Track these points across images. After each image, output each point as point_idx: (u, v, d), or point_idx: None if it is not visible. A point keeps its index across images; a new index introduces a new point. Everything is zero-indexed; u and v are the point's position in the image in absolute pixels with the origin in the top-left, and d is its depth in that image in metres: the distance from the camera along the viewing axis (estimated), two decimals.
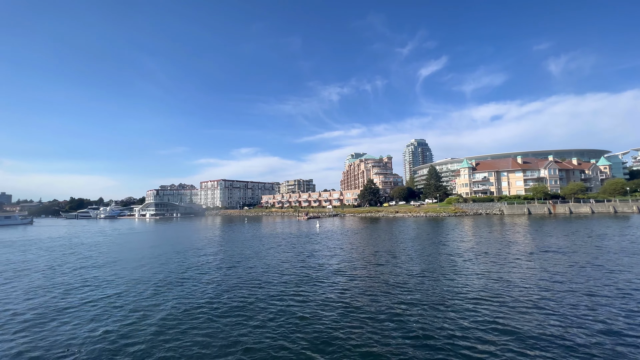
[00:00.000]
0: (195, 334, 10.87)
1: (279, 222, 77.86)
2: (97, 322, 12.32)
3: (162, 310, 13.36)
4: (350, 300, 13.84)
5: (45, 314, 13.52)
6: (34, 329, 11.84)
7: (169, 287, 17.06)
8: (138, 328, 11.57)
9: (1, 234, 65.47)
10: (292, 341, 10.16)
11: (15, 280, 20.14)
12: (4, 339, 11.15)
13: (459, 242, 31.59)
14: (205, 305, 13.90)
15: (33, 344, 10.60)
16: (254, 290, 15.98)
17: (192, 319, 12.24)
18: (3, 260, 28.71)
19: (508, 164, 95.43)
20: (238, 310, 13.07)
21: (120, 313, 13.23)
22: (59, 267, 24.42)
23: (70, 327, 11.97)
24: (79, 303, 14.82)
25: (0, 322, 12.77)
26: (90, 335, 11.04)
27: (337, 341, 10.02)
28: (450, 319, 11.58)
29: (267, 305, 13.64)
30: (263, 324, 11.59)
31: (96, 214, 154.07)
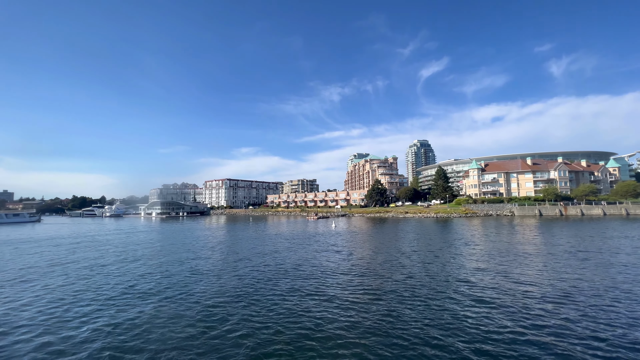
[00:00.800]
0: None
1: (292, 222, 77.82)
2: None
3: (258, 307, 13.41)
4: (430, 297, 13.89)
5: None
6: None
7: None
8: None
9: (16, 231, 65.39)
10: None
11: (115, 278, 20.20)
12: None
13: (481, 244, 31.59)
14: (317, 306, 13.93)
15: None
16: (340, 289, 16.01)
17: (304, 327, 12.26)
18: (61, 257, 28.75)
19: (517, 166, 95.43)
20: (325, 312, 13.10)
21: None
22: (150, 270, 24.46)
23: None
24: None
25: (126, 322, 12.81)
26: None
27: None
28: (500, 328, 11.61)
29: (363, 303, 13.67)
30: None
31: (102, 212, 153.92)
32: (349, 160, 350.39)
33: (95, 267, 23.73)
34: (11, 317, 13.15)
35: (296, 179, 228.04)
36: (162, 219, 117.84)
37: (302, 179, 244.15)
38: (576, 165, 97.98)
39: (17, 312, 13.77)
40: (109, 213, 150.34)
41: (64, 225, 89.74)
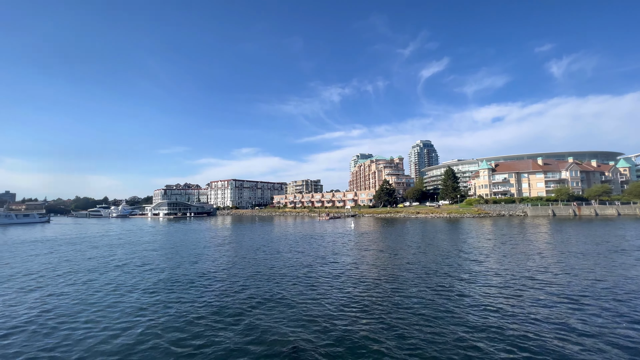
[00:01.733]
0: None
1: (306, 223, 77.67)
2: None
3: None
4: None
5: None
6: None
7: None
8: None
9: (32, 231, 65.15)
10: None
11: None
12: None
13: (506, 244, 31.52)
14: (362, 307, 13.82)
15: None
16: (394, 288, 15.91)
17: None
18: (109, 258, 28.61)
19: (528, 166, 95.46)
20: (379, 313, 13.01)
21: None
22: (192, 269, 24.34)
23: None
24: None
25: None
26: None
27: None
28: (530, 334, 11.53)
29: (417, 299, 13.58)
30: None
31: (108, 213, 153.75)
32: (351, 161, 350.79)
33: (150, 267, 23.62)
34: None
35: (299, 179, 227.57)
36: (170, 219, 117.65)
37: (306, 180, 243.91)
38: (586, 165, 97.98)
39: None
40: (115, 214, 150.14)
41: (76, 225, 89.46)
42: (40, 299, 15.82)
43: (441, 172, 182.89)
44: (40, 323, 12.57)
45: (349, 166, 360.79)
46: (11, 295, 16.66)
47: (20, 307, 14.59)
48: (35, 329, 12.03)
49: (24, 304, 15.15)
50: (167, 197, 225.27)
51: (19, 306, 14.77)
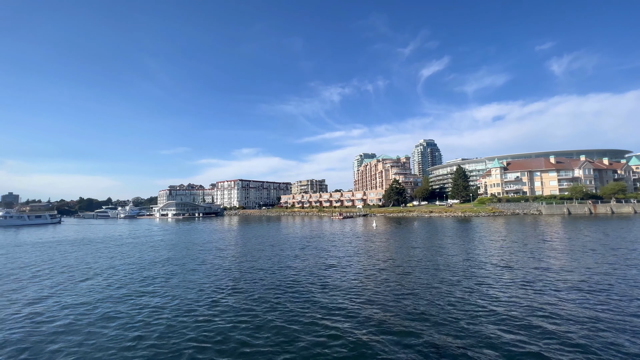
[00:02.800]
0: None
1: (321, 222, 77.56)
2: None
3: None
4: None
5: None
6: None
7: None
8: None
9: (49, 232, 64.94)
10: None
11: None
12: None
13: (541, 242, 31.40)
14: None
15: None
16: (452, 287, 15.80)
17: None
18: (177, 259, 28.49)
19: (541, 164, 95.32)
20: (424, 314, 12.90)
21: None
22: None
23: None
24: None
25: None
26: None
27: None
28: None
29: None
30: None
31: (116, 213, 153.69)
32: (354, 160, 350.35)
33: (189, 266, 23.52)
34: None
35: (300, 179, 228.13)
36: (179, 220, 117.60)
37: (311, 179, 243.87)
38: (598, 163, 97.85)
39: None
40: (123, 214, 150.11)
41: (89, 226, 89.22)
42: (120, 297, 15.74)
43: (447, 171, 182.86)
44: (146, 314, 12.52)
45: (351, 166, 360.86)
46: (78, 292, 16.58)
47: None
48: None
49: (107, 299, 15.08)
50: (172, 198, 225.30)
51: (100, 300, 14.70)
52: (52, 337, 11.40)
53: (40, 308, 14.65)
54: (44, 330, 11.98)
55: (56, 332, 11.85)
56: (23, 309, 14.50)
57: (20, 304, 15.31)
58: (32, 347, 10.63)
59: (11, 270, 24.13)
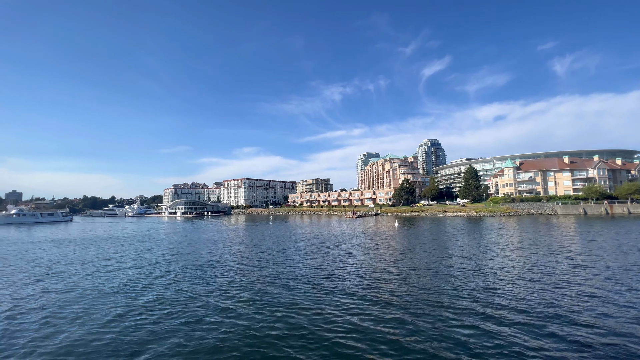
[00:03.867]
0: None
1: (336, 222, 77.46)
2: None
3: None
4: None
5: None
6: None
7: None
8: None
9: (65, 230, 64.84)
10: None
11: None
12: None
13: (580, 245, 31.22)
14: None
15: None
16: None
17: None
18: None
19: (555, 164, 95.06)
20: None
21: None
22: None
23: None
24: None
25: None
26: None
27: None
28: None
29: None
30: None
31: (123, 212, 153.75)
32: (358, 160, 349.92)
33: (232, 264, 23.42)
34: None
35: (301, 178, 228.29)
36: (188, 218, 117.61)
37: (316, 178, 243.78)
38: (611, 164, 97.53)
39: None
40: (131, 213, 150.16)
41: (101, 224, 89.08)
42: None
43: (454, 170, 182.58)
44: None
45: (354, 165, 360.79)
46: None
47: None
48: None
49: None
50: (177, 196, 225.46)
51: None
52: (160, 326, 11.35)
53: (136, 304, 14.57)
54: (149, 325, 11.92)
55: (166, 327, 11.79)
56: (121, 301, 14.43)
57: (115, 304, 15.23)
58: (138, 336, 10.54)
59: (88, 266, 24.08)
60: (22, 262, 27.05)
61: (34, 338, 11.11)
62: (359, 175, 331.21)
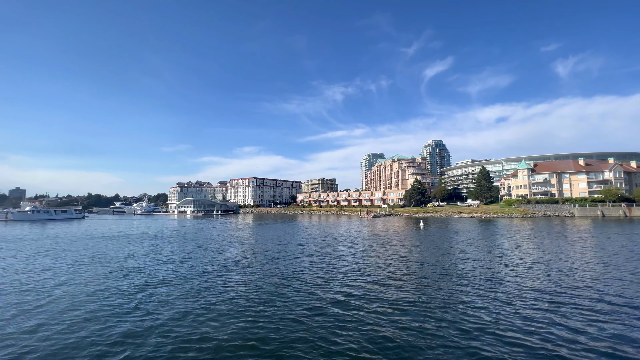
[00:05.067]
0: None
1: (353, 222, 77.26)
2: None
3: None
4: None
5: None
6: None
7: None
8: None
9: (82, 227, 64.58)
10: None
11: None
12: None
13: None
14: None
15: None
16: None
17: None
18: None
19: (570, 166, 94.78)
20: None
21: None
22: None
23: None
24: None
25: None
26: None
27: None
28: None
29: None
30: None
31: (132, 209, 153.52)
32: (363, 160, 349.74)
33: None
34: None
35: (306, 178, 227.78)
36: (199, 216, 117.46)
37: (322, 178, 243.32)
38: (627, 166, 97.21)
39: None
40: (140, 211, 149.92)
41: (113, 221, 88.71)
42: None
43: (462, 172, 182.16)
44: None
45: (354, 165, 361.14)
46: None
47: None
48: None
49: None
50: (183, 195, 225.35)
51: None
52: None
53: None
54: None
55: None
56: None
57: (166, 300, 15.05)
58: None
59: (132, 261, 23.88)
60: (105, 257, 26.86)
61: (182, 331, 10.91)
62: (363, 175, 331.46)
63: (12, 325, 11.95)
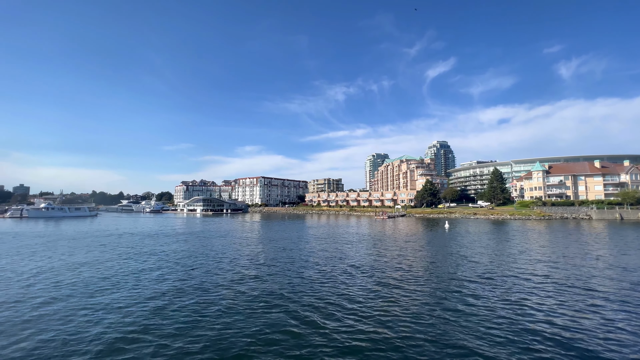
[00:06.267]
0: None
1: (372, 222, 77.07)
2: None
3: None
4: None
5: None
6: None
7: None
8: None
9: (101, 224, 64.33)
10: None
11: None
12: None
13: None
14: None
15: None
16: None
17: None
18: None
19: (585, 168, 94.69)
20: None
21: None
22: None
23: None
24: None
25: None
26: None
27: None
28: None
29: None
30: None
31: (140, 207, 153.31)
32: (367, 160, 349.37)
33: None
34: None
35: (324, 177, 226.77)
36: (209, 215, 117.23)
37: (327, 178, 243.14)
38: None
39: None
40: (148, 209, 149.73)
41: (129, 220, 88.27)
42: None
43: (470, 173, 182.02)
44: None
45: (355, 165, 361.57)
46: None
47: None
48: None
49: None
50: (189, 194, 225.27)
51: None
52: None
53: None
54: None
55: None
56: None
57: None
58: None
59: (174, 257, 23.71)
60: (151, 255, 26.71)
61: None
62: (368, 175, 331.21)
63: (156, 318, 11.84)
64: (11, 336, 10.66)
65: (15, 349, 9.75)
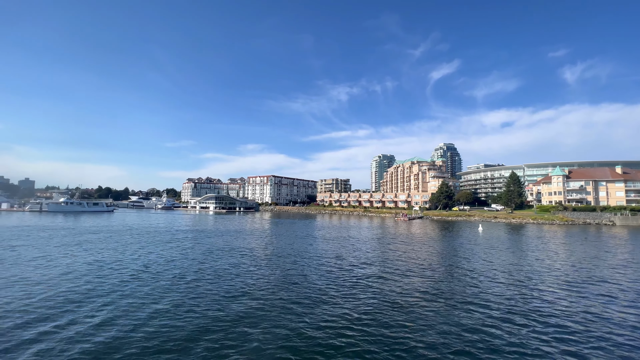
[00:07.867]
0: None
1: (395, 224, 76.67)
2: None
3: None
4: None
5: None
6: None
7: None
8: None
9: (124, 220, 63.94)
10: None
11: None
12: None
13: None
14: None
15: None
16: None
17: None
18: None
19: (606, 174, 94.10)
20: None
21: None
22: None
23: None
24: None
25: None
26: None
27: None
28: None
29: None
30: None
31: (152, 204, 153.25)
32: (373, 161, 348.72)
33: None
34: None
35: (332, 177, 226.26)
36: (222, 213, 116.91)
37: (335, 178, 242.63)
38: None
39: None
40: (160, 205, 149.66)
41: (144, 216, 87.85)
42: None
43: (481, 176, 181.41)
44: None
45: (369, 166, 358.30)
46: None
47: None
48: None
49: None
50: (197, 191, 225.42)
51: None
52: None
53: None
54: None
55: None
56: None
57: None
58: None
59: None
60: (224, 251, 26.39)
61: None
62: (374, 176, 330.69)
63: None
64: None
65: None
